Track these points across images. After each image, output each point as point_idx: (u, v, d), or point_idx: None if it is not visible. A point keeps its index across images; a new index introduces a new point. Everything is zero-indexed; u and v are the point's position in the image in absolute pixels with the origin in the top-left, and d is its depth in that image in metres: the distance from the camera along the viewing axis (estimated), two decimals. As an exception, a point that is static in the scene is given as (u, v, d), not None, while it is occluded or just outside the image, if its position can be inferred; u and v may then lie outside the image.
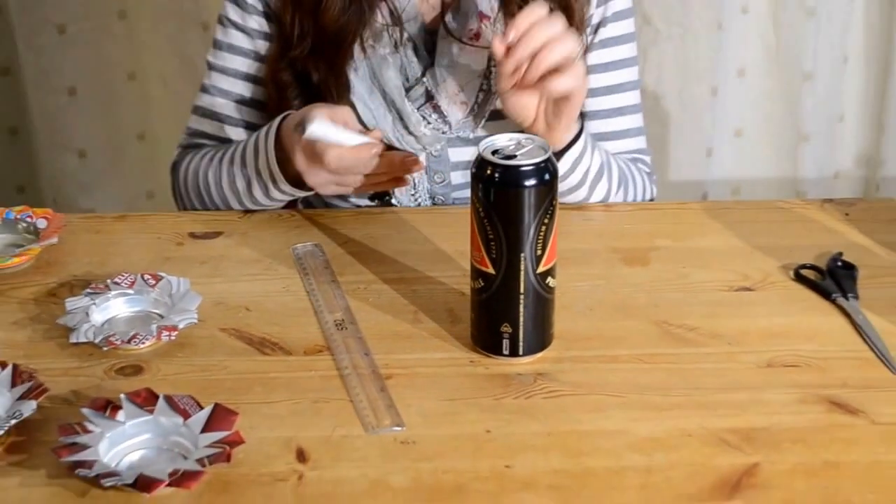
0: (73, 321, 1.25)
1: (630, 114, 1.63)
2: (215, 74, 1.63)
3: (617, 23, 1.58)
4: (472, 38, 1.52)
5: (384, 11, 1.53)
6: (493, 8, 1.52)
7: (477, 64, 1.53)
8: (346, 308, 1.30)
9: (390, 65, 1.53)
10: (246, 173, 1.51)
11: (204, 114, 1.65)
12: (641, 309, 1.30)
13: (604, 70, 1.59)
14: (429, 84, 1.54)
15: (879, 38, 2.33)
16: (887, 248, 1.41)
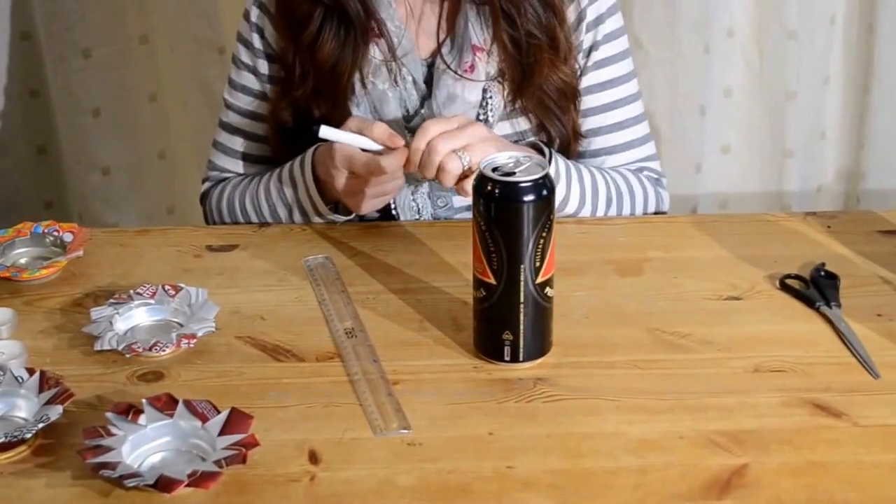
0: (97, 330, 1.25)
1: (631, 126, 1.62)
2: (231, 113, 1.64)
3: (608, 44, 1.57)
4: (467, 70, 1.51)
5: (382, 47, 1.52)
6: (486, 40, 1.51)
7: (472, 95, 1.52)
8: (356, 317, 1.30)
9: (390, 99, 1.53)
10: (286, 202, 1.52)
11: (223, 150, 1.66)
12: (635, 317, 1.30)
13: (601, 89, 1.58)
14: (426, 115, 1.53)
15: (858, 60, 2.32)
16: (867, 258, 1.41)
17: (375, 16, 1.51)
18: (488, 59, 1.51)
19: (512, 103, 1.54)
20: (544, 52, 1.50)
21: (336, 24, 1.51)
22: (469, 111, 1.52)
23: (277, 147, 1.60)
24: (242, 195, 1.59)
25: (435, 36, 1.54)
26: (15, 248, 1.44)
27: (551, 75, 1.52)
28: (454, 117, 1.41)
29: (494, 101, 1.52)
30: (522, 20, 1.49)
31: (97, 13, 2.27)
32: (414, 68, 1.53)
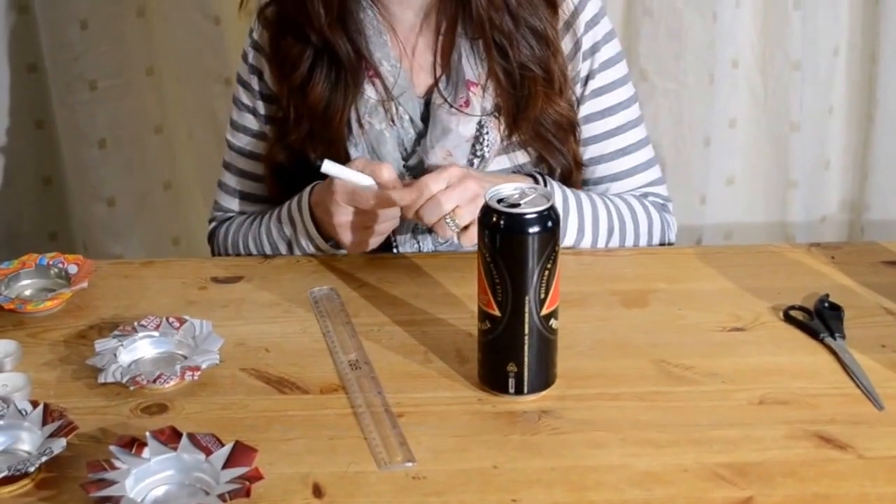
0: (101, 362, 1.25)
1: (634, 152, 1.61)
2: (233, 153, 1.66)
3: (605, 71, 1.57)
4: (463, 105, 1.51)
5: (378, 87, 1.52)
6: (481, 75, 1.51)
7: (467, 130, 1.52)
8: (360, 349, 1.30)
9: (387, 139, 1.53)
10: (286, 240, 1.53)
11: (227, 191, 1.68)
12: (640, 349, 1.30)
13: (600, 117, 1.58)
14: (421, 152, 1.53)
15: (861, 91, 2.33)
16: (871, 289, 1.41)
17: (370, 56, 1.52)
18: (483, 93, 1.52)
19: (508, 137, 1.54)
20: (539, 84, 1.51)
21: (327, 66, 1.52)
22: (463, 145, 1.52)
23: (273, 188, 1.61)
24: (245, 235, 1.60)
25: (430, 72, 1.54)
26: (20, 279, 1.44)
27: (547, 108, 1.52)
28: (446, 172, 1.38)
29: (490, 135, 1.52)
30: (515, 53, 1.49)
31: (103, 45, 2.29)
32: (410, 107, 1.54)
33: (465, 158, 1.53)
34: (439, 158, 1.51)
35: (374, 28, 1.53)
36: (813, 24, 2.25)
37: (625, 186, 1.61)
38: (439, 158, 1.51)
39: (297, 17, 1.51)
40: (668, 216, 1.64)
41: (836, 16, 2.27)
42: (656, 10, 2.23)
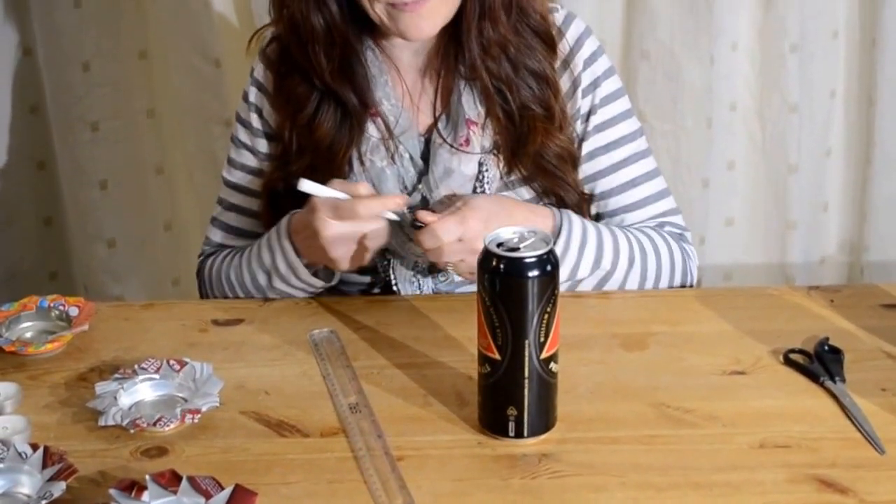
0: (101, 405, 1.25)
1: (644, 183, 1.61)
2: (229, 190, 1.66)
3: (606, 107, 1.58)
4: (463, 143, 1.52)
5: (379, 125, 1.53)
6: (480, 114, 1.52)
7: (468, 168, 1.53)
8: (360, 392, 1.29)
9: (388, 176, 1.54)
10: (265, 268, 1.52)
11: (218, 225, 1.68)
12: (640, 392, 1.29)
13: (605, 151, 1.59)
14: (424, 191, 1.54)
15: (859, 133, 2.34)
16: (871, 332, 1.41)
17: (372, 95, 1.53)
18: (483, 132, 1.52)
19: (507, 174, 1.54)
20: (538, 121, 1.51)
21: (332, 107, 1.53)
22: (465, 184, 1.53)
23: (268, 220, 1.61)
24: (228, 266, 1.60)
25: (431, 112, 1.55)
26: (20, 322, 1.44)
27: (548, 143, 1.53)
28: (464, 224, 1.38)
29: (490, 173, 1.53)
30: (515, 96, 1.50)
31: (105, 87, 2.30)
32: (411, 145, 1.55)
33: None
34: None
35: (376, 67, 1.54)
36: (810, 67, 2.27)
37: (639, 217, 1.61)
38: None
39: (301, 62, 1.52)
40: (686, 246, 1.63)
41: (832, 59, 2.28)
42: (653, 54, 2.25)
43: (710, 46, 2.23)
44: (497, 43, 1.48)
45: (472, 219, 1.38)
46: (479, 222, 1.38)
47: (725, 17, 2.22)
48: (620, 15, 2.27)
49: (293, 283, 1.51)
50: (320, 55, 1.50)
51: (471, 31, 1.47)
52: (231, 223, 1.67)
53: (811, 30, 2.25)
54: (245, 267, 1.55)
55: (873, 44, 2.25)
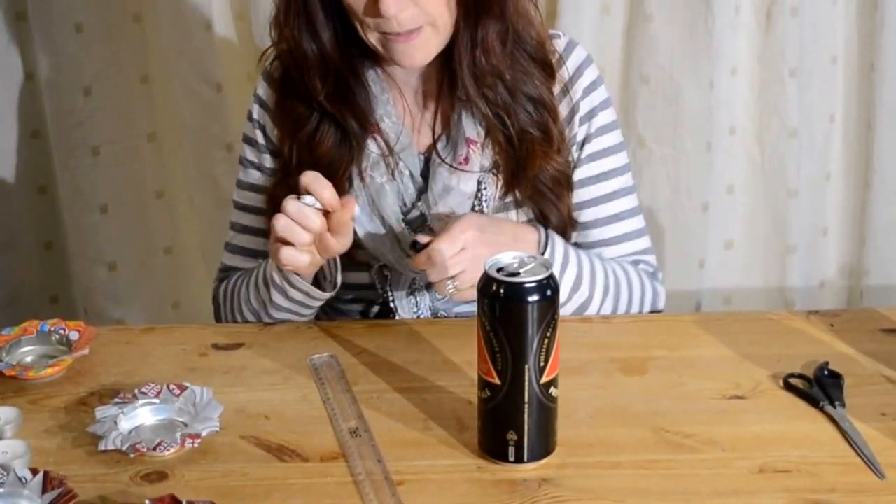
0: (101, 429, 1.25)
1: (627, 218, 1.62)
2: (240, 212, 1.66)
3: (601, 137, 1.59)
4: (462, 162, 1.53)
5: (380, 142, 1.54)
6: (480, 133, 1.53)
7: (467, 186, 1.54)
8: (360, 416, 1.30)
9: (388, 192, 1.54)
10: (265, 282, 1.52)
11: (233, 250, 1.68)
12: (640, 416, 1.29)
13: (595, 182, 1.60)
14: (423, 208, 1.54)
15: (858, 157, 2.35)
16: (871, 357, 1.41)
17: (372, 112, 1.54)
18: (482, 151, 1.53)
19: (505, 195, 1.55)
20: (537, 144, 1.52)
21: (332, 126, 1.53)
22: (464, 202, 1.54)
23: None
24: (238, 287, 1.61)
25: (431, 132, 1.56)
26: (21, 346, 1.44)
27: (545, 166, 1.53)
28: (462, 235, 1.39)
29: (489, 191, 1.54)
30: (513, 120, 1.51)
31: (106, 111, 2.31)
32: (411, 162, 1.55)
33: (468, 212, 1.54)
34: (443, 216, 1.53)
35: (378, 86, 1.55)
36: (809, 91, 2.28)
37: (616, 252, 1.62)
38: (443, 216, 1.53)
39: (300, 83, 1.53)
40: (657, 285, 1.65)
41: (831, 84, 2.29)
42: (653, 78, 2.26)
43: (709, 71, 2.23)
44: (491, 73, 1.49)
45: (468, 228, 1.40)
46: (474, 230, 1.40)
47: (725, 41, 2.23)
48: (620, 39, 2.28)
49: (291, 295, 1.50)
50: (315, 80, 1.51)
51: (463, 62, 1.48)
52: (245, 245, 1.67)
53: (810, 55, 2.26)
54: (252, 285, 1.56)
55: (872, 69, 2.26)
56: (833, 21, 2.26)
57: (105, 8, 2.25)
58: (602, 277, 1.55)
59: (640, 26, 2.24)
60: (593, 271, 1.54)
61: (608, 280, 1.56)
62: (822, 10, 2.24)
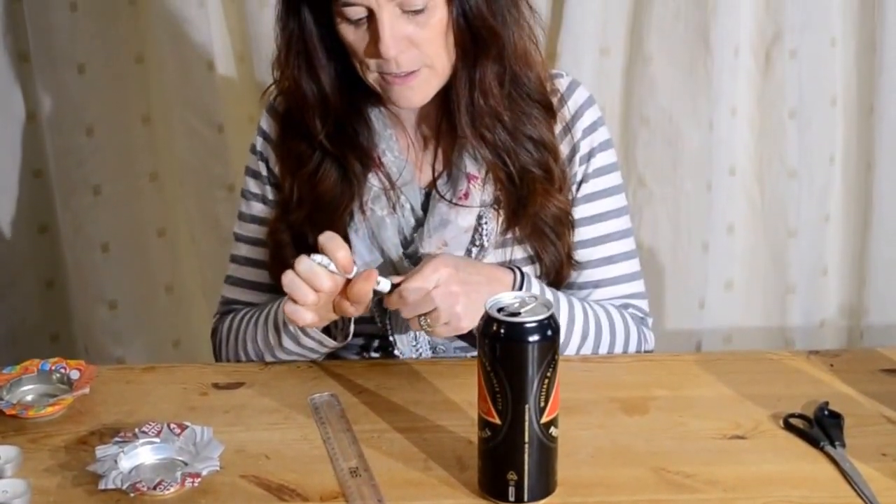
0: (102, 468, 1.25)
1: (620, 261, 1.62)
2: (241, 245, 1.66)
3: (598, 178, 1.60)
4: (462, 197, 1.54)
5: (381, 177, 1.55)
6: (481, 170, 1.54)
7: (465, 221, 1.54)
8: (361, 456, 1.29)
9: (388, 225, 1.55)
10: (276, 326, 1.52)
11: (234, 282, 1.68)
12: (640, 456, 1.29)
13: (590, 223, 1.60)
14: (418, 240, 1.55)
15: (857, 197, 2.36)
16: (870, 397, 1.41)
17: (374, 146, 1.55)
18: (483, 186, 1.54)
19: (505, 231, 1.55)
20: (538, 182, 1.53)
21: (334, 165, 1.54)
22: (460, 236, 1.54)
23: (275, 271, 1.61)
24: (245, 326, 1.60)
25: (432, 166, 1.57)
26: (22, 385, 1.44)
27: (546, 204, 1.54)
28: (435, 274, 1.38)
29: (489, 226, 1.54)
30: (514, 160, 1.52)
31: (108, 150, 2.32)
32: (412, 196, 1.56)
33: (464, 248, 1.55)
34: (433, 248, 1.53)
35: (381, 122, 1.56)
36: (808, 133, 2.29)
37: (607, 294, 1.62)
38: (433, 248, 1.53)
39: (302, 123, 1.54)
40: (646, 330, 1.65)
41: (831, 125, 2.30)
42: (653, 119, 2.27)
43: (709, 112, 2.25)
44: (489, 114, 1.50)
45: (441, 266, 1.39)
46: (449, 268, 1.39)
47: (724, 83, 2.24)
48: (620, 80, 2.29)
49: (303, 342, 1.50)
50: (315, 120, 1.52)
51: (461, 103, 1.49)
52: (246, 277, 1.67)
53: (810, 96, 2.27)
54: (260, 327, 1.56)
55: (871, 110, 2.27)
56: (832, 63, 2.27)
57: (107, 49, 2.26)
58: (581, 321, 1.54)
59: (639, 68, 2.26)
60: (571, 315, 1.53)
61: (587, 325, 1.55)
62: (821, 53, 2.26)
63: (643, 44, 2.24)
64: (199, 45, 2.24)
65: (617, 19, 2.26)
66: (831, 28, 2.26)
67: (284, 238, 1.59)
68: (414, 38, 1.43)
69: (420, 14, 1.42)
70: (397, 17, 1.42)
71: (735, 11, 2.22)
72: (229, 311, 1.68)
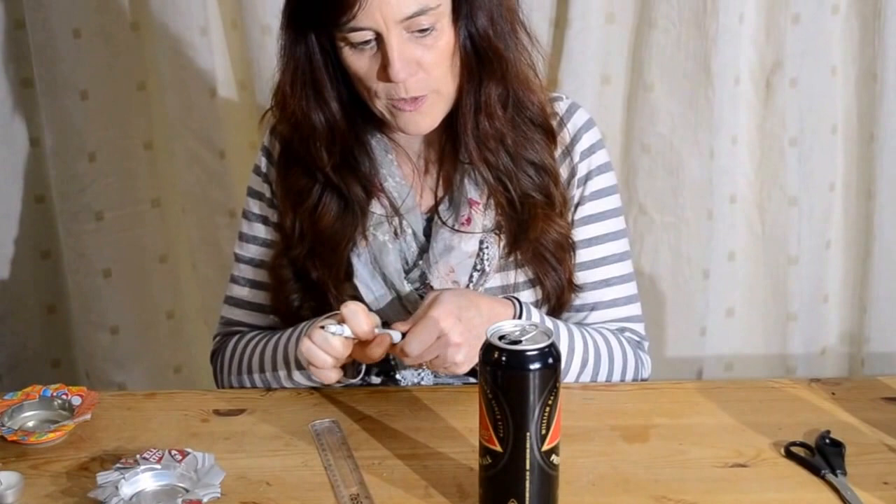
0: (103, 495, 1.25)
1: (617, 284, 1.62)
2: (242, 265, 1.66)
3: (595, 201, 1.60)
4: (464, 223, 1.54)
5: (384, 202, 1.55)
6: (483, 195, 1.54)
7: (469, 246, 1.55)
8: (361, 483, 1.29)
9: (390, 250, 1.55)
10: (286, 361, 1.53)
11: (235, 303, 1.68)
12: (641, 484, 1.29)
13: (587, 245, 1.60)
14: (424, 266, 1.55)
15: (857, 225, 2.36)
16: (872, 425, 1.41)
17: (377, 173, 1.55)
18: (485, 211, 1.54)
19: (507, 256, 1.56)
20: (539, 207, 1.53)
21: (336, 197, 1.55)
22: (465, 261, 1.54)
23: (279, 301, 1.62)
24: (251, 353, 1.60)
25: (433, 193, 1.58)
26: (23, 411, 1.45)
27: (547, 229, 1.54)
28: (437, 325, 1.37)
29: (490, 251, 1.55)
30: (515, 185, 1.53)
31: (110, 177, 2.32)
32: (414, 221, 1.57)
33: (468, 273, 1.55)
34: (442, 273, 1.54)
35: (382, 149, 1.57)
36: (809, 160, 2.29)
37: (603, 317, 1.62)
38: (442, 273, 1.54)
39: (303, 155, 1.54)
40: (643, 354, 1.65)
41: (831, 153, 2.31)
42: (654, 147, 2.28)
43: (710, 140, 2.25)
44: (493, 136, 1.51)
45: (446, 316, 1.39)
46: (452, 318, 1.39)
47: (725, 111, 2.25)
48: (621, 109, 2.30)
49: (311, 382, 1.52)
50: (322, 151, 1.53)
51: (467, 126, 1.50)
52: (248, 299, 1.67)
53: (810, 124, 2.28)
54: (268, 357, 1.56)
55: (871, 138, 2.28)
56: (832, 91, 2.28)
57: (110, 75, 2.27)
58: (581, 349, 1.54)
59: (640, 96, 2.26)
60: (571, 344, 1.54)
61: (587, 353, 1.55)
62: (822, 81, 2.27)
63: (644, 72, 2.25)
64: (201, 72, 2.25)
65: (618, 48, 2.27)
66: (832, 57, 2.27)
67: (286, 274, 1.60)
68: (422, 61, 1.44)
69: (427, 36, 1.43)
70: (405, 39, 1.42)
71: (735, 40, 2.23)
72: (230, 333, 1.68)
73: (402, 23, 1.41)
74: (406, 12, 1.40)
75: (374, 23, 1.40)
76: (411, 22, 1.41)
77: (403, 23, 1.41)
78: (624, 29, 2.26)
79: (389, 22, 1.40)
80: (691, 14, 2.21)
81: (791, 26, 2.23)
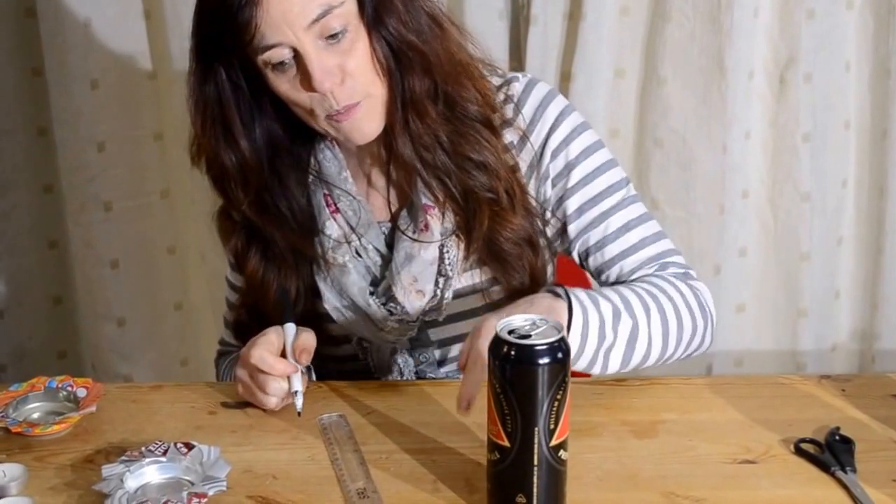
0: (107, 487, 1.24)
1: (637, 226, 1.56)
2: (230, 291, 1.69)
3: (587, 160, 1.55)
4: (423, 229, 1.52)
5: (340, 222, 1.54)
6: (438, 197, 1.51)
7: (428, 254, 1.52)
8: (369, 477, 1.29)
9: (350, 271, 1.54)
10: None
11: (228, 326, 1.70)
12: (650, 480, 1.29)
13: (593, 204, 1.55)
14: (389, 278, 1.54)
15: (870, 222, 2.36)
16: (882, 422, 1.40)
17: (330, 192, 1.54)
18: (442, 215, 1.52)
19: (467, 256, 1.53)
20: (485, 204, 1.50)
21: (258, 243, 1.56)
22: (426, 269, 1.52)
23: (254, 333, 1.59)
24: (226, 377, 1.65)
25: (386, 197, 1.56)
26: (28, 402, 1.44)
27: (499, 228, 1.51)
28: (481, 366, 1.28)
29: (452, 254, 1.53)
30: (455, 182, 1.49)
31: (119, 167, 2.32)
32: (374, 237, 1.55)
33: (432, 281, 1.53)
34: (405, 283, 1.52)
35: (335, 166, 1.54)
36: (821, 157, 2.29)
37: (637, 260, 1.56)
38: (405, 283, 1.52)
39: (222, 196, 1.55)
40: (694, 283, 1.58)
41: (844, 149, 2.31)
42: (666, 142, 2.27)
43: (723, 135, 2.25)
44: (427, 134, 1.47)
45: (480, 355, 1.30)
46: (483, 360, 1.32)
47: (738, 106, 2.25)
48: (634, 103, 2.30)
49: None
50: (237, 190, 1.53)
51: (396, 125, 1.47)
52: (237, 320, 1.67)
53: (823, 120, 2.27)
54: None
55: (884, 135, 2.27)
56: (846, 87, 2.28)
57: (121, 65, 2.27)
58: (637, 299, 1.47)
59: (654, 90, 2.26)
60: (626, 300, 1.46)
61: (644, 299, 1.47)
62: (836, 77, 2.26)
63: (657, 66, 2.24)
64: (211, 63, 2.24)
65: (631, 41, 2.27)
66: (845, 52, 2.26)
67: (245, 319, 1.61)
68: (345, 67, 1.41)
69: (341, 41, 1.40)
70: (321, 48, 1.39)
71: (750, 35, 2.22)
72: (224, 353, 1.72)
73: (310, 29, 1.38)
74: (311, 16, 1.37)
75: (284, 36, 1.37)
76: (321, 27, 1.38)
77: (312, 29, 1.38)
78: (638, 22, 2.26)
79: (298, 31, 1.37)
80: (706, 8, 2.20)
81: (805, 21, 2.22)
